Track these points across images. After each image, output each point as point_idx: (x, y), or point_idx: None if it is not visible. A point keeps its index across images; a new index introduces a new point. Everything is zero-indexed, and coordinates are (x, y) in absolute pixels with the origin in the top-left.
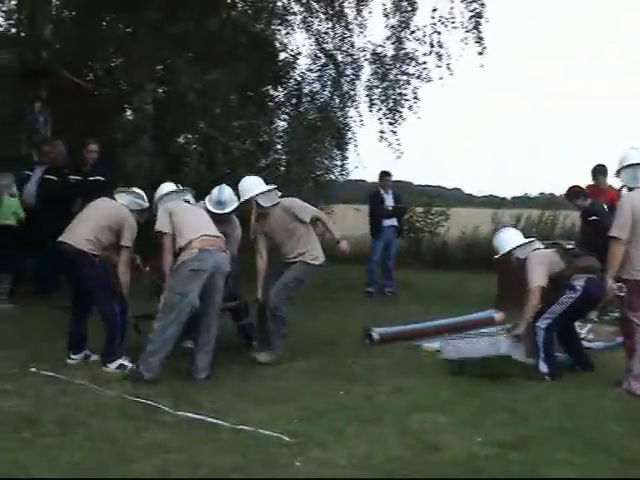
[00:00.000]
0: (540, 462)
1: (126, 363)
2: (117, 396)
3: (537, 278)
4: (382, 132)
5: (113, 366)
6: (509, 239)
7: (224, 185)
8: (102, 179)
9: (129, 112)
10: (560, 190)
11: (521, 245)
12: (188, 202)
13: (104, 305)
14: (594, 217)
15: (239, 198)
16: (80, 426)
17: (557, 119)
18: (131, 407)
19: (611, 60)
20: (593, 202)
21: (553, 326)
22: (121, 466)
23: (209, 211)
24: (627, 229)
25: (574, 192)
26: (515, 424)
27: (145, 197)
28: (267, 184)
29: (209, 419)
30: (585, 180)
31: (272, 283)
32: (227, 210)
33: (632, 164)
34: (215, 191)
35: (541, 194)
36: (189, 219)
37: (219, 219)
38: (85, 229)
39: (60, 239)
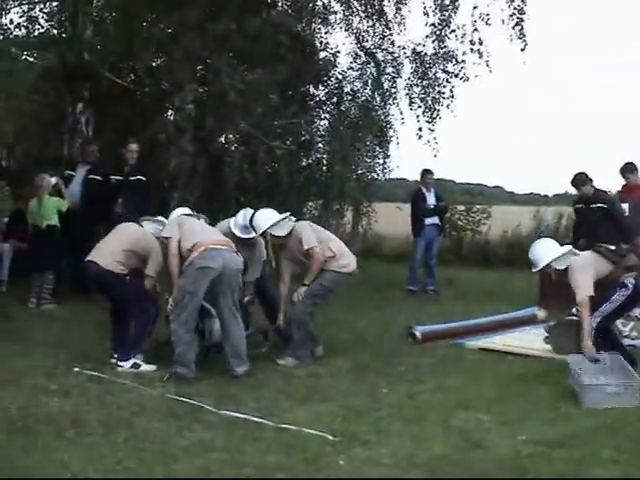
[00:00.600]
0: (585, 460)
1: (139, 362)
2: (160, 396)
3: (584, 289)
4: (420, 129)
5: (127, 365)
6: (545, 252)
7: (249, 209)
8: (143, 179)
9: (170, 112)
10: (600, 187)
11: (557, 258)
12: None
13: (141, 316)
14: (600, 204)
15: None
16: (124, 425)
17: (586, 116)
18: (174, 406)
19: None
20: (597, 189)
21: (603, 324)
22: (165, 466)
23: (234, 235)
24: None
25: (581, 179)
26: (559, 422)
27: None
28: (310, 183)
29: (253, 418)
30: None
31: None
32: (253, 234)
33: None
34: (240, 216)
35: None
36: (197, 228)
37: (244, 243)
38: (114, 250)
39: (88, 258)
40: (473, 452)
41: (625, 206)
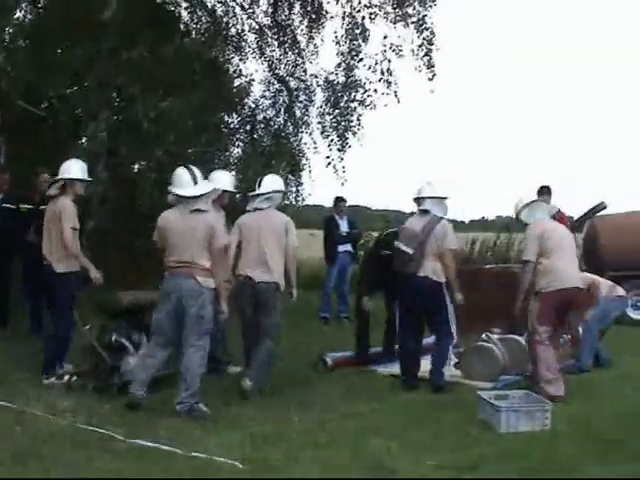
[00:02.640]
0: None
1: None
2: (70, 425)
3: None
4: (328, 157)
5: (52, 378)
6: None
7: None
8: None
9: (84, 140)
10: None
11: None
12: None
13: (65, 324)
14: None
15: None
16: (33, 456)
17: (506, 142)
18: (84, 436)
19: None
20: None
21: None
22: None
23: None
24: None
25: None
26: (469, 447)
27: (71, 166)
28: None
29: (163, 447)
30: None
31: None
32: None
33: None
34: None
35: (498, 217)
36: (174, 238)
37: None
38: (47, 243)
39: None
40: (383, 478)
41: None
